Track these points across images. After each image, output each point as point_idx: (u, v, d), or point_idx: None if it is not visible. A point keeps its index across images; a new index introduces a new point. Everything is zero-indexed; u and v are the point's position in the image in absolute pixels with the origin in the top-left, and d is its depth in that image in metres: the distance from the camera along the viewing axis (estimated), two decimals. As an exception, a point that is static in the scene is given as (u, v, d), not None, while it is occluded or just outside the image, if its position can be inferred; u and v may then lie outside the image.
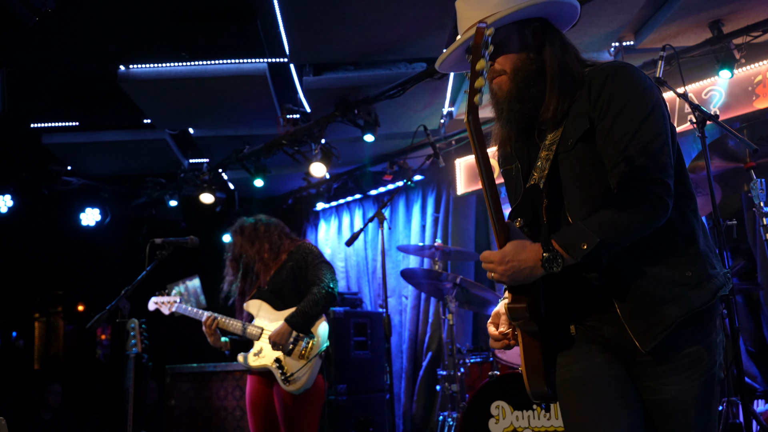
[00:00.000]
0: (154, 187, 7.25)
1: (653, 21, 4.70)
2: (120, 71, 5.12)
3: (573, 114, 1.74)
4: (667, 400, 1.69)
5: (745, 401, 3.50)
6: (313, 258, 3.85)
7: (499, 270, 1.65)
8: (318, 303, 3.65)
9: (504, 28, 1.75)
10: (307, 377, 3.53)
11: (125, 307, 3.67)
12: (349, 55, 5.08)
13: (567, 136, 1.73)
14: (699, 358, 1.68)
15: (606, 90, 1.69)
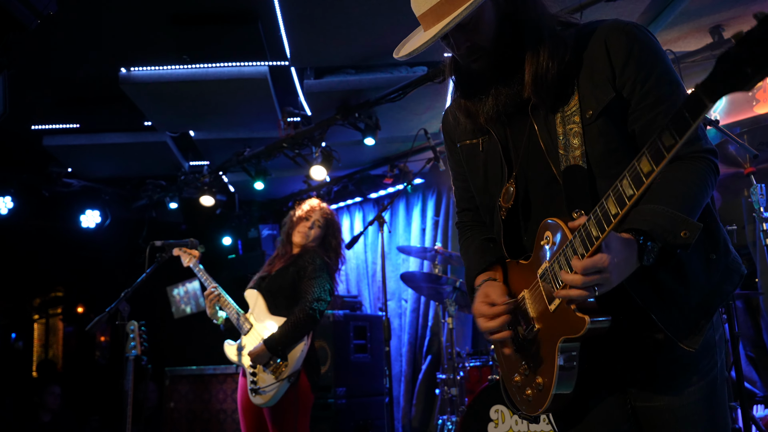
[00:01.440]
0: (154, 189, 7.25)
1: (654, 26, 4.71)
2: (121, 73, 5.13)
3: (585, 83, 1.55)
4: (660, 408, 1.57)
5: (745, 406, 3.50)
6: (312, 271, 3.74)
7: (614, 276, 1.37)
8: (298, 326, 3.57)
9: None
10: (273, 395, 3.49)
11: (125, 309, 3.67)
12: (350, 59, 5.08)
13: (586, 107, 1.54)
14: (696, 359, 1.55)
15: (634, 55, 1.51)
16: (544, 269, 1.54)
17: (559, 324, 1.51)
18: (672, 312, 1.49)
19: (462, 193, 1.94)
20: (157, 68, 5.14)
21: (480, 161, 1.77)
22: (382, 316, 4.42)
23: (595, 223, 1.34)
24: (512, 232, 1.71)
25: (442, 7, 1.53)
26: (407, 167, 6.33)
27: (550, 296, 1.53)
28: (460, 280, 4.85)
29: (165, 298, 8.34)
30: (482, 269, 1.78)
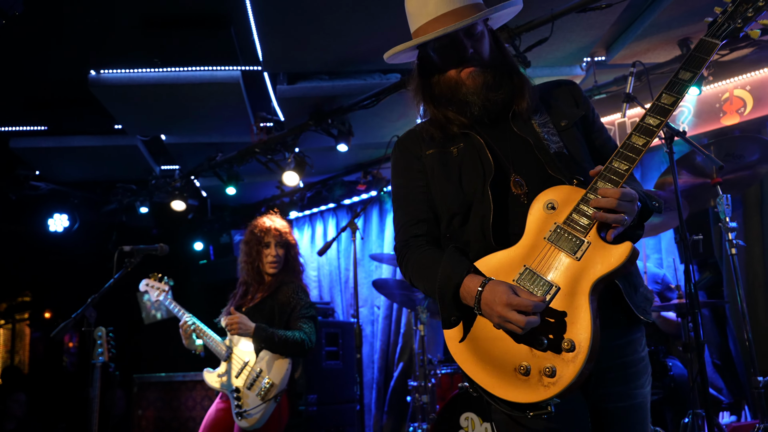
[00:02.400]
0: (124, 193, 7.15)
1: (624, 37, 4.78)
2: (91, 76, 5.06)
3: (555, 105, 1.98)
4: (635, 405, 1.77)
5: (710, 413, 3.55)
6: (301, 310, 3.76)
7: (632, 208, 1.66)
8: (288, 344, 3.58)
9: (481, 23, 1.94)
10: (260, 416, 3.48)
11: (91, 315, 3.61)
12: (324, 65, 5.07)
13: (558, 119, 1.94)
14: (647, 363, 1.87)
15: (580, 92, 2.06)
16: (556, 228, 1.70)
17: (589, 267, 1.63)
18: (630, 292, 1.80)
19: (419, 205, 1.98)
20: (128, 71, 5.08)
21: (455, 165, 1.92)
22: (354, 323, 4.41)
23: (621, 160, 1.68)
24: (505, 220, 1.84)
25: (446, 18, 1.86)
26: (380, 174, 6.33)
27: (575, 246, 1.67)
28: (432, 288, 4.85)
29: (135, 304, 8.22)
30: (467, 272, 1.75)
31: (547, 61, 4.92)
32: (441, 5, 1.87)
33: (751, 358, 3.85)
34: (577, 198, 1.69)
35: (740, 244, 4.09)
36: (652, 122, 1.70)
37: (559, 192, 1.75)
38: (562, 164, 1.84)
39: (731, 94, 4.89)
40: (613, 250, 1.63)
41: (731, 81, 4.88)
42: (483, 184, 1.84)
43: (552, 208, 1.73)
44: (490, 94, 1.89)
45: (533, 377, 1.61)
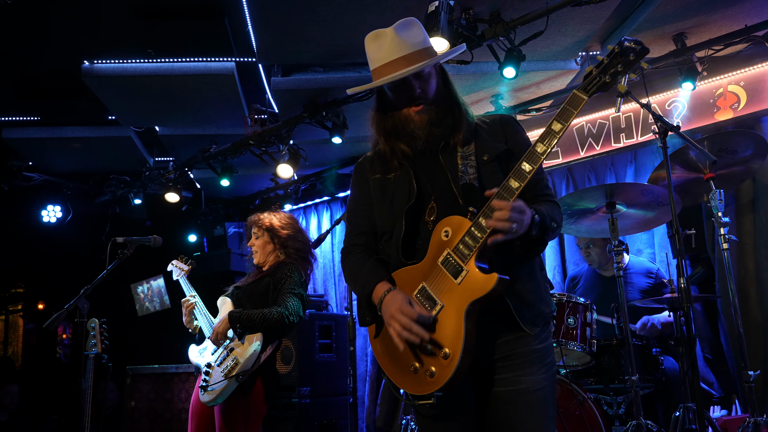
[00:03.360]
0: (118, 184, 7.12)
1: (619, 32, 4.78)
2: (84, 66, 5.03)
3: (484, 138, 2.21)
4: (521, 390, 2.03)
5: (701, 407, 3.57)
6: (289, 285, 3.71)
7: (521, 218, 1.90)
8: (266, 321, 3.54)
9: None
10: (219, 392, 3.45)
11: (84, 306, 3.59)
12: (318, 57, 5.06)
13: (482, 153, 2.18)
14: (544, 354, 2.10)
15: (518, 132, 2.27)
16: (446, 254, 2.00)
17: (466, 292, 1.94)
18: (520, 307, 2.05)
19: (360, 221, 2.34)
20: (121, 62, 5.06)
21: (390, 190, 2.23)
22: (348, 316, 4.41)
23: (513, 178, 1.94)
24: (413, 238, 2.16)
25: (399, 62, 2.10)
26: (375, 167, 6.32)
27: (456, 272, 1.97)
28: (426, 281, 4.86)
29: (129, 296, 8.21)
30: (380, 280, 2.12)
31: (541, 55, 4.92)
32: (393, 51, 2.11)
33: (742, 353, 3.87)
34: (466, 228, 1.96)
35: (732, 239, 4.10)
36: (525, 168, 1.94)
37: (452, 222, 2.02)
38: (468, 195, 2.10)
39: (725, 90, 4.89)
40: (483, 280, 1.92)
41: (725, 77, 4.88)
42: (401, 209, 2.16)
43: (447, 236, 2.02)
44: (433, 129, 2.16)
45: (420, 375, 1.99)
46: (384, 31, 2.15)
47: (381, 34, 2.15)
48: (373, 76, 2.19)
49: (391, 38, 2.12)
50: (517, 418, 2.03)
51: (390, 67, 2.11)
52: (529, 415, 2.03)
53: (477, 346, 1.96)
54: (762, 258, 4.81)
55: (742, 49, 4.82)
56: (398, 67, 2.10)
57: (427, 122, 2.16)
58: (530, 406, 2.04)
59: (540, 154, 1.93)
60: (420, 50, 2.14)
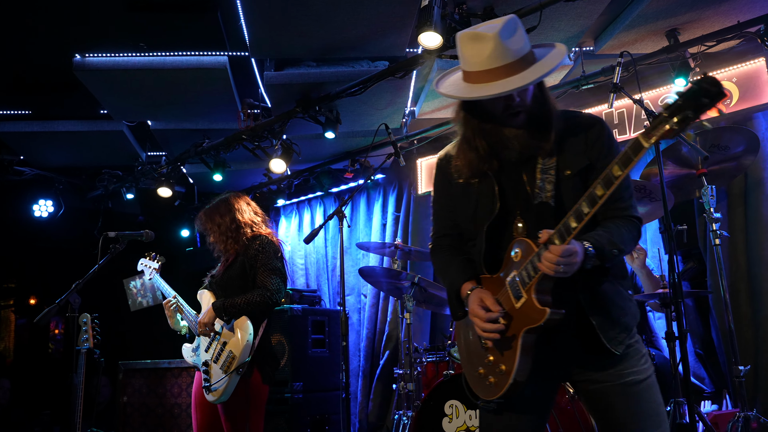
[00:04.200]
0: (110, 179, 7.09)
1: (612, 27, 4.78)
2: (76, 60, 5.00)
3: (567, 150, 2.11)
4: (627, 382, 2.05)
5: (691, 402, 3.59)
6: (265, 259, 3.66)
7: (570, 261, 1.87)
8: (251, 305, 3.53)
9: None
10: (223, 390, 3.44)
11: (76, 301, 3.59)
12: (311, 51, 5.04)
13: (563, 167, 2.10)
14: (638, 348, 2.11)
15: (600, 139, 2.13)
16: (513, 276, 2.03)
17: (523, 318, 1.99)
18: (605, 321, 2.05)
19: (447, 222, 2.36)
20: (113, 55, 5.03)
21: (474, 197, 2.21)
22: (341, 311, 4.40)
23: (573, 217, 1.86)
24: (496, 252, 2.16)
25: (500, 71, 1.98)
26: (368, 162, 6.31)
27: (517, 296, 2.01)
28: (419, 276, 4.86)
29: (121, 291, 8.19)
30: (467, 279, 2.19)
31: (535, 50, 4.91)
32: (495, 59, 1.99)
33: (733, 348, 3.89)
34: (532, 254, 1.97)
35: (724, 234, 4.12)
36: (584, 210, 1.85)
37: (522, 245, 2.04)
38: (542, 216, 2.07)
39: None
40: (537, 311, 1.96)
41: (717, 73, 4.89)
42: (483, 224, 2.16)
43: (516, 257, 2.05)
44: (530, 140, 2.08)
45: (483, 379, 2.14)
46: (485, 35, 1.99)
47: (481, 37, 2.00)
48: (465, 76, 2.08)
49: (495, 45, 1.98)
50: (628, 410, 2.03)
51: (490, 75, 2.00)
52: (641, 405, 2.04)
53: (556, 366, 2.10)
54: (753, 254, 4.83)
55: (735, 46, 4.83)
56: (499, 76, 1.99)
57: (523, 134, 2.08)
58: (641, 396, 2.05)
59: (600, 196, 1.83)
60: (522, 57, 2.00)
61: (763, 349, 4.68)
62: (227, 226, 3.79)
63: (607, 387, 2.06)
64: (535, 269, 1.94)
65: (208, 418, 3.64)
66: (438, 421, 3.96)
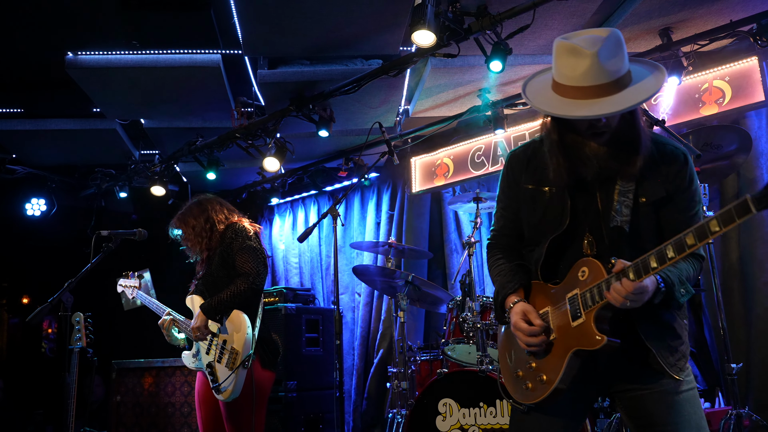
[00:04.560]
0: (103, 178, 7.06)
1: (605, 26, 4.79)
2: (68, 57, 4.98)
3: (647, 177, 2.08)
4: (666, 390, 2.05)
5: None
6: (240, 242, 3.63)
7: (640, 298, 1.88)
8: (237, 296, 3.50)
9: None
10: (233, 387, 3.43)
11: (68, 300, 3.57)
12: (305, 50, 5.03)
13: (641, 194, 2.08)
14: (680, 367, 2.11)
15: (682, 174, 2.09)
16: (575, 294, 2.04)
17: (576, 338, 2.02)
18: (664, 348, 2.06)
19: (508, 222, 2.35)
20: (106, 53, 5.01)
21: (541, 205, 2.20)
22: (335, 310, 4.40)
23: (655, 257, 1.81)
24: (554, 262, 2.18)
25: (593, 91, 1.93)
26: (362, 161, 6.31)
27: (575, 315, 2.02)
28: (413, 275, 4.86)
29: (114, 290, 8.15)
30: (514, 290, 2.22)
31: (528, 48, 4.92)
32: (590, 77, 1.92)
33: (725, 346, 3.90)
34: (600, 278, 1.96)
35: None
36: (669, 254, 1.79)
37: (592, 266, 2.02)
38: (616, 240, 2.07)
39: (710, 85, 4.92)
40: (593, 336, 1.96)
41: (711, 72, 4.91)
42: (546, 236, 2.16)
43: (583, 276, 2.04)
44: (610, 162, 2.04)
45: (520, 382, 2.19)
46: (583, 51, 1.91)
47: (579, 52, 1.92)
48: (555, 86, 2.02)
49: (591, 64, 1.91)
50: (669, 418, 2.03)
51: (581, 93, 1.95)
52: (683, 415, 2.03)
53: (598, 379, 2.13)
54: (746, 252, 4.85)
55: (728, 45, 4.85)
56: (590, 95, 1.93)
57: (605, 153, 2.04)
58: (682, 406, 2.04)
59: (688, 246, 1.75)
60: (618, 79, 1.93)
61: (756, 348, 4.71)
62: (201, 226, 3.76)
63: (646, 395, 2.06)
64: (601, 295, 1.93)
65: (212, 417, 3.64)
66: (432, 419, 3.96)
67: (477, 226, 4.79)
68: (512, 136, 5.90)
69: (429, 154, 6.49)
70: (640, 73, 2.00)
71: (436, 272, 6.67)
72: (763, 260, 4.71)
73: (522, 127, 5.87)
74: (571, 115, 1.96)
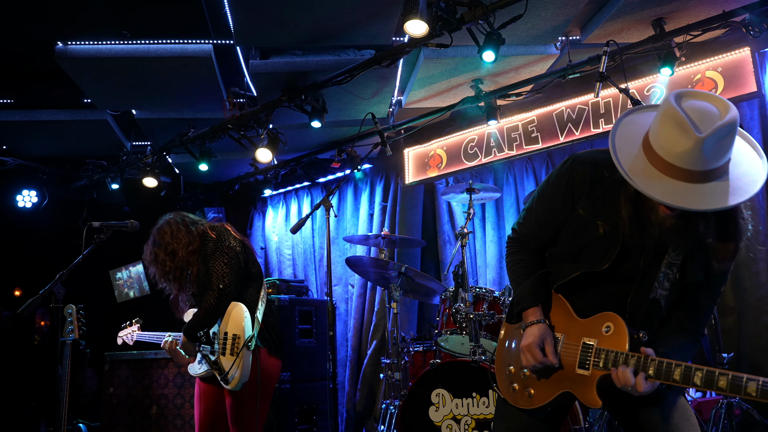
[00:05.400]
0: (94, 169, 7.02)
1: (599, 17, 4.78)
2: (58, 48, 4.94)
3: (699, 251, 2.00)
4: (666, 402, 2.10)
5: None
6: (212, 248, 3.54)
7: (641, 394, 1.92)
8: (209, 311, 3.47)
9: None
10: (240, 372, 3.41)
11: (60, 292, 3.55)
12: (297, 40, 5.00)
13: (686, 274, 2.05)
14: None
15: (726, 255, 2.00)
16: (592, 344, 2.05)
17: (575, 384, 2.08)
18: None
19: (544, 228, 2.23)
20: (96, 43, 4.96)
21: (588, 236, 2.10)
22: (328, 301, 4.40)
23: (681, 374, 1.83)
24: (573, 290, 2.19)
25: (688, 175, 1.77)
26: (355, 152, 6.29)
27: (583, 363, 2.06)
28: (406, 266, 4.86)
29: (106, 281, 8.13)
30: (535, 303, 2.21)
31: (521, 39, 4.91)
32: (687, 161, 1.75)
33: (717, 336, 3.93)
34: (620, 347, 1.97)
35: (708, 223, 4.14)
36: (696, 380, 1.81)
37: (619, 329, 2.01)
38: (649, 311, 2.08)
39: (703, 76, 4.92)
40: (590, 396, 2.03)
41: (703, 62, 4.91)
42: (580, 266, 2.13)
43: (607, 332, 2.04)
44: (671, 236, 1.93)
45: (510, 381, 2.27)
46: (690, 132, 1.73)
47: (686, 130, 1.74)
48: (647, 148, 1.85)
49: (693, 148, 1.73)
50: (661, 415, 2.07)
51: (673, 172, 1.78)
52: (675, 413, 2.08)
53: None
54: (737, 242, 4.87)
55: (720, 35, 4.85)
56: (682, 177, 1.76)
57: (671, 228, 1.90)
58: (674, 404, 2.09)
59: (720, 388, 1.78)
60: (717, 168, 1.76)
61: (746, 337, 4.74)
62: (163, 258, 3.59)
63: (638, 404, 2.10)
64: (609, 366, 1.98)
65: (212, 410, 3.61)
66: (425, 409, 3.97)
67: (470, 217, 4.79)
68: (505, 127, 5.89)
69: (422, 145, 6.48)
70: (740, 159, 1.83)
71: (429, 263, 6.67)
72: (753, 250, 4.73)
73: (515, 118, 5.86)
74: (661, 200, 1.79)
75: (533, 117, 5.76)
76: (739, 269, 4.84)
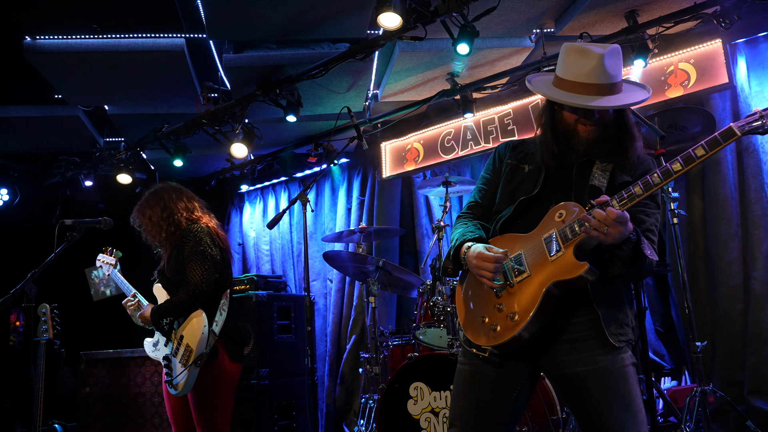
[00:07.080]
0: (67, 166, 6.91)
1: (573, 9, 4.79)
2: (26, 42, 4.85)
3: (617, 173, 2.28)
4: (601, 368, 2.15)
5: (650, 378, 3.66)
6: (191, 248, 3.53)
7: (617, 230, 1.98)
8: (177, 306, 3.48)
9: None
10: (184, 382, 3.41)
11: (32, 291, 3.49)
12: (270, 33, 4.96)
13: (616, 176, 2.27)
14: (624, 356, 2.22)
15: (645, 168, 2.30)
16: (551, 233, 2.16)
17: (554, 271, 2.12)
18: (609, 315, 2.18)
19: (483, 194, 2.51)
20: (65, 37, 4.88)
21: (518, 179, 2.39)
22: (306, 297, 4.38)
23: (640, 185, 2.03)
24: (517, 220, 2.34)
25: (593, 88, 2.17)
26: (331, 146, 6.26)
27: (555, 249, 2.14)
28: (384, 260, 4.86)
29: (81, 279, 8.02)
30: (471, 238, 2.35)
31: (496, 32, 4.91)
32: (593, 76, 2.17)
33: (691, 325, 3.97)
34: (578, 216, 2.10)
35: (682, 214, 4.20)
36: (655, 180, 2.02)
37: (569, 207, 2.17)
38: (591, 195, 2.21)
39: (676, 67, 4.96)
40: (574, 264, 2.09)
41: (676, 54, 4.95)
42: (517, 198, 2.34)
43: (560, 218, 2.18)
44: (594, 148, 2.26)
45: (486, 327, 2.23)
46: (591, 52, 2.18)
47: (587, 53, 2.19)
48: (557, 82, 2.25)
49: (597, 63, 2.16)
50: (602, 398, 2.11)
51: (582, 89, 2.18)
52: (615, 395, 2.11)
53: (549, 331, 2.18)
54: (710, 233, 4.92)
55: (692, 27, 4.89)
56: (589, 92, 2.17)
57: (592, 141, 2.26)
58: (615, 384, 2.13)
59: (674, 172, 1.99)
60: (614, 84, 2.19)
61: (720, 325, 4.80)
62: (159, 216, 3.67)
63: (581, 372, 2.15)
64: (581, 227, 2.06)
65: (179, 406, 3.60)
66: (403, 403, 3.97)
67: (446, 210, 4.79)
68: (481, 120, 5.90)
69: (399, 138, 6.47)
70: (631, 87, 2.29)
71: (407, 257, 6.67)
72: (726, 240, 4.79)
73: (491, 111, 5.87)
74: (575, 103, 2.17)
75: (509, 110, 5.78)
76: (712, 259, 4.89)
